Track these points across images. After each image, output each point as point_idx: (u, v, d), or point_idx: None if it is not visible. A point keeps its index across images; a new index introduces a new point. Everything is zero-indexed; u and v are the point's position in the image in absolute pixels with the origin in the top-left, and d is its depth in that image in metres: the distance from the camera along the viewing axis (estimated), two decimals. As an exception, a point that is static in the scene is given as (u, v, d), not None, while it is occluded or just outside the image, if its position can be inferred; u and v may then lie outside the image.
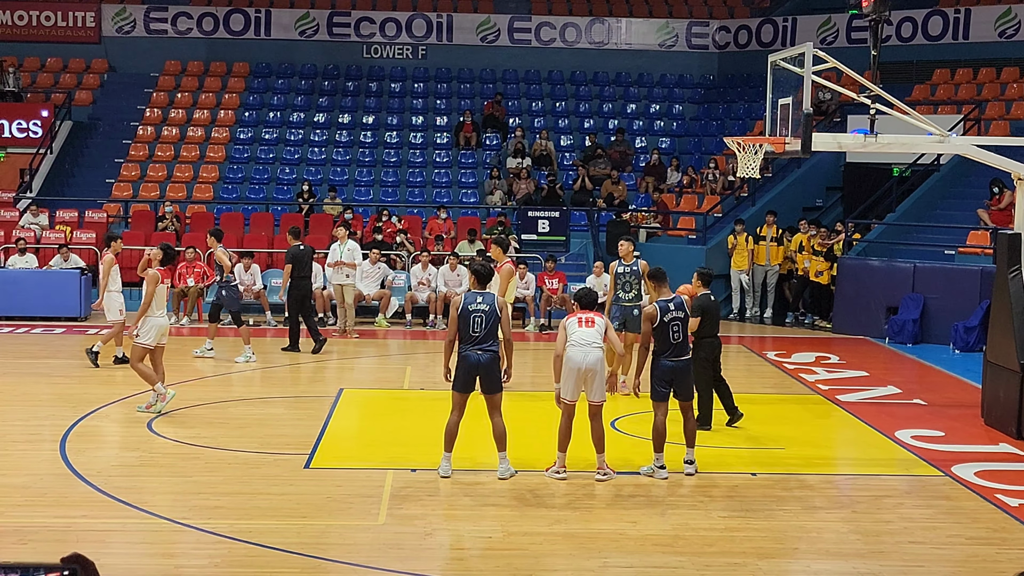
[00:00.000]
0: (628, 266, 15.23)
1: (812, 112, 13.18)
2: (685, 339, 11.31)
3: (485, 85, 31.41)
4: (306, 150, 29.01)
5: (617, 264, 15.37)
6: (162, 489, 10.58)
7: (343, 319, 20.81)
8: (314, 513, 9.94)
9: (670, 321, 11.20)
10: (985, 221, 21.86)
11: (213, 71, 31.14)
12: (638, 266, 15.15)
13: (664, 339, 11.18)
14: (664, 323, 11.18)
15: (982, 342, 17.11)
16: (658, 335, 11.19)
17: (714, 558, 8.99)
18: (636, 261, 15.31)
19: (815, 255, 22.73)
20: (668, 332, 11.19)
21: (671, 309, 11.26)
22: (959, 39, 28.13)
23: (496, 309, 10.88)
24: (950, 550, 9.44)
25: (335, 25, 31.44)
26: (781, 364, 18.42)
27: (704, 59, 31.85)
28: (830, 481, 11.82)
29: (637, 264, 15.21)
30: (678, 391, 11.29)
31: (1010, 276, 13.67)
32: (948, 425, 13.98)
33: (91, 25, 31.06)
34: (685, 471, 11.30)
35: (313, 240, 23.63)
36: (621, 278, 15.21)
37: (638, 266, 15.15)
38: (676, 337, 11.22)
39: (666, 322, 11.19)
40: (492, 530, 9.58)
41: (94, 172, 27.88)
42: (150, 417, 13.35)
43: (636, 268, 15.15)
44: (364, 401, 15.46)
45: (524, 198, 26.47)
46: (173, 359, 17.42)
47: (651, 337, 11.23)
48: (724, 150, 24.96)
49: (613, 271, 15.35)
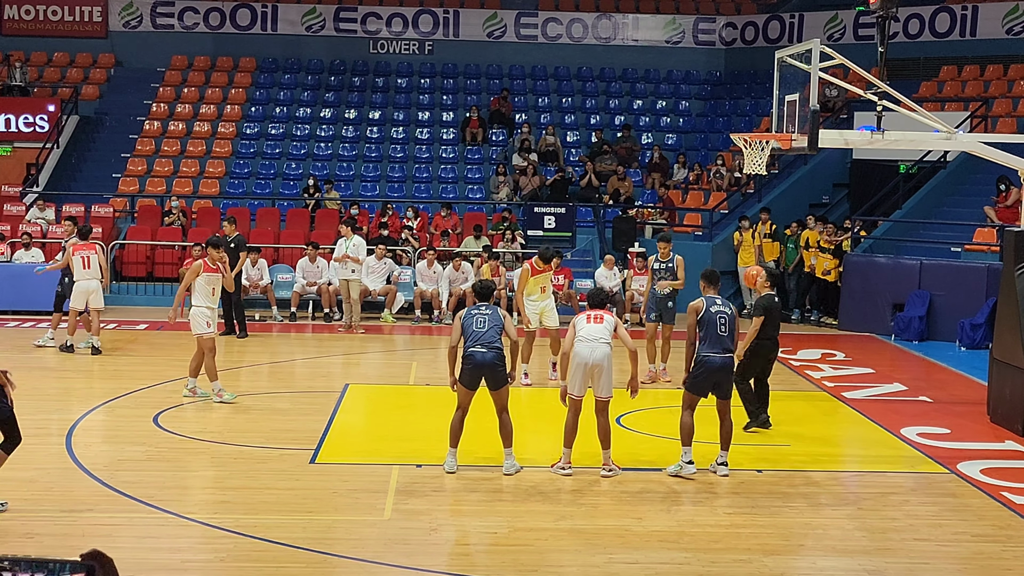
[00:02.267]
0: (665, 263, 15.95)
1: (819, 109, 13.16)
2: (732, 335, 11.21)
3: (491, 81, 31.39)
4: (312, 145, 29.01)
5: (655, 260, 16.09)
6: (168, 484, 10.60)
7: (349, 314, 20.82)
8: (320, 508, 9.95)
9: (716, 313, 11.14)
10: (992, 218, 21.82)
11: (219, 66, 31.14)
12: (674, 263, 15.94)
13: (711, 333, 11.10)
14: (711, 314, 11.13)
15: (988, 339, 17.08)
16: (704, 328, 11.14)
17: (720, 554, 8.99)
18: (673, 257, 15.97)
19: (823, 252, 22.69)
20: (715, 325, 11.08)
21: (717, 303, 11.25)
22: (966, 36, 28.06)
23: (499, 315, 11.01)
24: (956, 547, 9.43)
25: (342, 20, 31.42)
26: (787, 361, 18.39)
27: (711, 55, 31.80)
28: (836, 478, 11.82)
29: (673, 260, 15.96)
30: (718, 389, 11.24)
31: (1017, 273, 13.65)
32: (954, 422, 13.97)
33: (98, 20, 31.07)
34: (719, 472, 11.21)
35: (319, 235, 23.67)
36: (658, 274, 15.97)
37: (674, 263, 15.94)
38: (723, 330, 11.13)
39: (712, 313, 11.13)
40: (498, 526, 9.59)
41: (100, 167, 27.90)
42: (156, 412, 13.36)
43: (672, 265, 15.95)
44: (370, 397, 15.48)
45: (530, 194, 26.46)
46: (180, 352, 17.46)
47: (695, 331, 11.20)
48: (731, 146, 24.91)
49: (651, 265, 16.12)
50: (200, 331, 14.01)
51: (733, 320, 11.23)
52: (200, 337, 14.01)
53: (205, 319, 14.05)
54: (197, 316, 14.09)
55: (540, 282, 15.71)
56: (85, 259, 17.48)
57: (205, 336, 14.00)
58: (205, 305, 14.10)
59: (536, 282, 15.67)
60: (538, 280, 15.68)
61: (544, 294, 15.79)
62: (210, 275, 14.23)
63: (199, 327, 14.03)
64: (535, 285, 15.68)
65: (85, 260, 17.47)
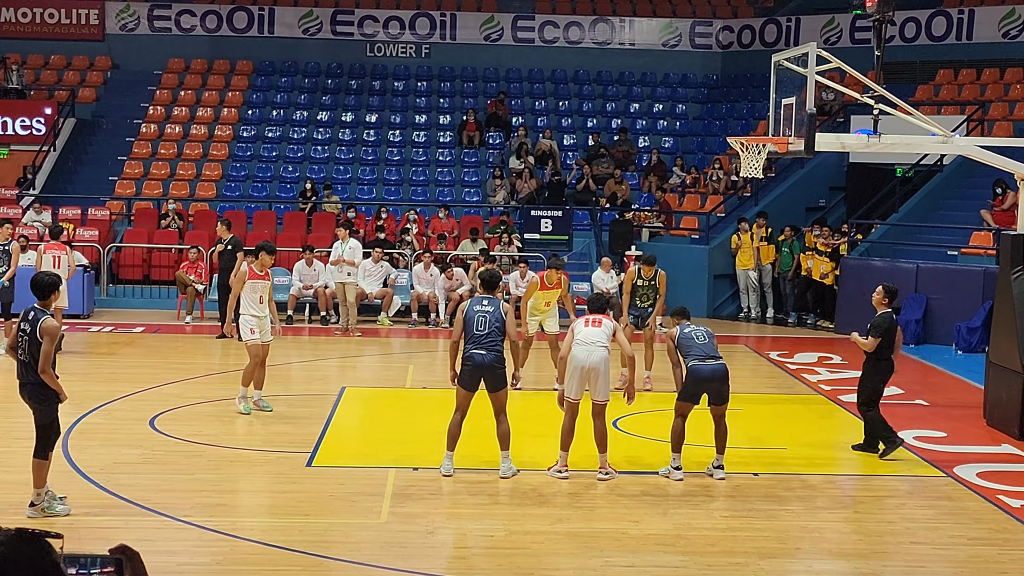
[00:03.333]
0: (648, 280, 15.82)
1: (815, 112, 13.19)
2: (710, 342, 11.34)
3: (488, 84, 31.40)
4: (309, 148, 29.01)
5: (637, 276, 15.92)
6: (164, 487, 10.59)
7: (345, 317, 20.82)
8: (316, 511, 9.94)
9: (691, 331, 11.38)
10: (988, 222, 21.84)
11: (216, 69, 31.13)
12: (657, 279, 15.85)
13: (692, 346, 11.28)
14: (685, 335, 11.37)
15: (985, 343, 17.10)
16: (684, 346, 11.33)
17: (716, 558, 8.99)
18: (656, 274, 15.85)
19: (819, 255, 22.71)
20: (693, 339, 11.31)
21: (690, 326, 11.51)
22: (963, 39, 28.09)
23: (501, 312, 10.95)
24: (952, 551, 9.44)
25: (339, 23, 31.43)
26: (783, 364, 18.42)
27: (708, 59, 31.82)
28: (832, 481, 11.83)
29: (656, 277, 15.86)
30: (712, 395, 11.28)
31: (1013, 277, 13.67)
32: (950, 426, 13.98)
33: (95, 22, 31.06)
34: (716, 476, 11.25)
35: (316, 239, 23.66)
36: (639, 290, 15.81)
37: (657, 279, 15.85)
38: (702, 339, 11.32)
39: (687, 333, 11.38)
40: (494, 529, 9.59)
41: (97, 170, 27.88)
42: (152, 415, 13.35)
43: (654, 283, 15.86)
44: (366, 399, 15.47)
45: (527, 197, 26.46)
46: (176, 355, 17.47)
47: (676, 352, 11.43)
48: (727, 150, 24.93)
49: (632, 280, 15.85)
50: (244, 338, 13.78)
51: (710, 334, 11.49)
52: (246, 344, 13.75)
53: (249, 326, 13.69)
54: (241, 323, 13.83)
55: (547, 297, 15.77)
56: (56, 259, 17.65)
57: (250, 343, 13.65)
58: (250, 312, 13.68)
59: (542, 297, 15.72)
60: (545, 295, 15.72)
61: (548, 308, 15.86)
62: (255, 282, 13.75)
63: (243, 334, 13.81)
64: (541, 300, 15.73)
65: (56, 260, 17.62)
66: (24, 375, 9.56)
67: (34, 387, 9.52)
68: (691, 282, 23.51)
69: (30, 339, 9.43)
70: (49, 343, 9.38)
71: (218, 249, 20.01)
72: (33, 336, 9.40)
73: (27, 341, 9.45)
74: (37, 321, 9.45)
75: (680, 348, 11.40)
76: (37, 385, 9.49)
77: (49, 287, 9.75)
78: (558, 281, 15.79)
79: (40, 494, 9.61)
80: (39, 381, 9.46)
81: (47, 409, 9.55)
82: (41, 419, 9.58)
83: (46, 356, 9.37)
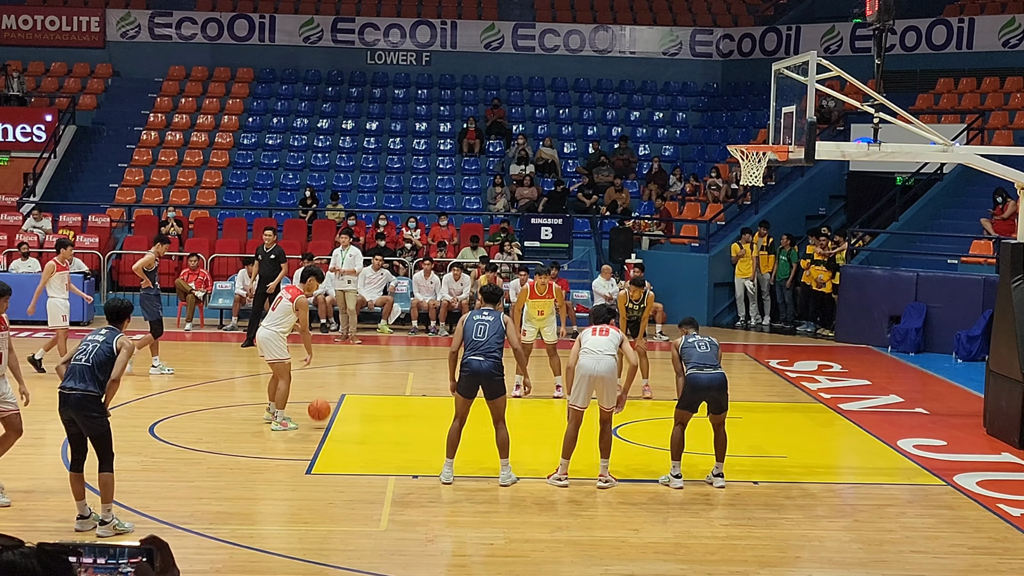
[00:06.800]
0: (637, 303, 15.76)
1: (816, 120, 13.19)
2: (712, 352, 11.35)
3: (489, 92, 31.41)
4: (310, 156, 29.02)
5: (627, 299, 15.85)
6: (164, 494, 10.59)
7: (345, 325, 20.82)
8: (316, 519, 9.94)
9: (695, 342, 11.41)
10: (988, 230, 21.85)
11: (217, 76, 31.15)
12: (645, 301, 15.78)
13: (693, 355, 11.30)
14: (689, 344, 11.40)
15: (985, 351, 17.09)
16: (685, 355, 11.35)
17: (716, 566, 8.98)
18: (644, 296, 15.77)
19: (815, 264, 22.72)
20: (695, 348, 11.34)
21: (695, 336, 11.54)
22: (963, 48, 28.11)
23: (501, 322, 10.98)
24: (952, 559, 9.43)
25: (339, 31, 31.45)
26: (783, 372, 18.41)
27: (708, 67, 31.84)
28: (832, 490, 11.82)
29: (645, 298, 15.78)
30: (710, 404, 11.28)
31: (1013, 286, 13.67)
32: (950, 434, 13.97)
33: (95, 30, 31.08)
34: (716, 484, 11.25)
35: (315, 246, 23.66)
36: (631, 312, 15.77)
37: (645, 301, 15.78)
38: (704, 348, 11.34)
39: (691, 342, 11.41)
40: (494, 537, 9.58)
41: (98, 177, 27.90)
42: (152, 422, 13.34)
43: (643, 304, 15.79)
44: (366, 407, 15.47)
45: (527, 205, 26.47)
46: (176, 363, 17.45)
47: (679, 362, 11.44)
48: (727, 158, 24.92)
49: (624, 302, 15.79)
50: (282, 356, 13.39)
51: (713, 344, 11.47)
52: (283, 363, 13.40)
53: (285, 345, 13.42)
54: (280, 343, 13.44)
55: (539, 306, 15.73)
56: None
57: (288, 362, 13.41)
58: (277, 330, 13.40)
59: (535, 305, 15.69)
60: (537, 304, 15.70)
61: (543, 317, 15.81)
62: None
63: (282, 353, 13.42)
64: (534, 308, 15.70)
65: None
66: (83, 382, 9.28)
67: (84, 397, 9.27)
68: (691, 290, 23.53)
69: (101, 347, 9.27)
70: (126, 355, 9.32)
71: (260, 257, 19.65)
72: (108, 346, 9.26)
73: (97, 350, 9.27)
74: (114, 336, 9.35)
75: (682, 357, 11.45)
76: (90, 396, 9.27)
77: (122, 312, 9.62)
78: (549, 290, 15.77)
79: (109, 510, 9.46)
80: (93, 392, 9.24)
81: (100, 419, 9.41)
82: (97, 429, 9.42)
83: (121, 366, 9.27)
